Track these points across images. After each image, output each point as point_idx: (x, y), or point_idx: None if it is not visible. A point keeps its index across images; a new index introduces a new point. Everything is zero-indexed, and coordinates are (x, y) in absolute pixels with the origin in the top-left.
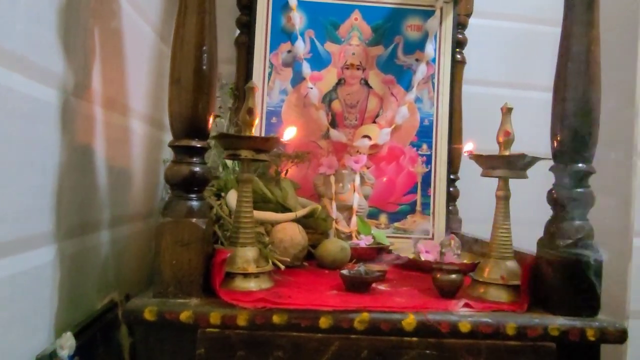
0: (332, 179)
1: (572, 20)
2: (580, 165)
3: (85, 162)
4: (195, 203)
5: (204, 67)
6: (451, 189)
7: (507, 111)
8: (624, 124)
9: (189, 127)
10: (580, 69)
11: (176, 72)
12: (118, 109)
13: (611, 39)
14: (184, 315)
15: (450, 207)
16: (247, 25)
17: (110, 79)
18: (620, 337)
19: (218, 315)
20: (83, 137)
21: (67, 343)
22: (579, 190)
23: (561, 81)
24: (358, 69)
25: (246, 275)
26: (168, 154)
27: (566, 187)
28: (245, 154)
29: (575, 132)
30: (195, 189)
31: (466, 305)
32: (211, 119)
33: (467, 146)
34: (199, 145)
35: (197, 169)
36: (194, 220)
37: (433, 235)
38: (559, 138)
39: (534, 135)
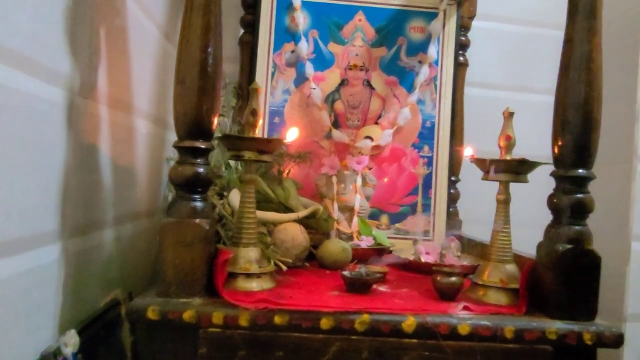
0: (334, 179)
1: (574, 27)
2: (580, 170)
3: (90, 161)
4: (198, 204)
5: (209, 69)
6: (452, 190)
7: (508, 116)
8: (624, 127)
9: (193, 128)
10: (581, 76)
11: (181, 73)
12: (123, 108)
13: (612, 42)
14: (187, 315)
15: (450, 209)
16: (251, 24)
17: (115, 78)
18: (617, 341)
19: (220, 315)
20: (88, 136)
21: (71, 340)
22: (578, 195)
23: (562, 87)
24: (361, 70)
25: (248, 275)
26: (171, 153)
27: (566, 193)
28: (248, 155)
29: (576, 139)
30: (199, 189)
31: (465, 308)
32: (215, 120)
33: (467, 151)
34: (203, 146)
35: (200, 169)
36: (197, 220)
37: (433, 236)
38: (560, 144)
39: (535, 138)
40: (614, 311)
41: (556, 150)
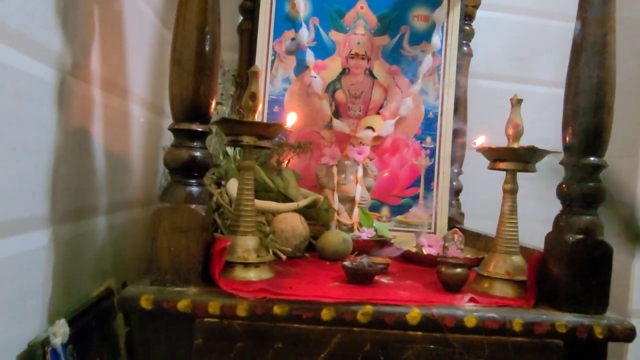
0: (335, 169)
1: (587, 9)
2: (592, 159)
3: (82, 145)
4: (194, 189)
5: (206, 48)
6: (454, 183)
7: (516, 102)
8: (630, 120)
9: (190, 110)
10: (595, 60)
11: (177, 53)
12: (117, 92)
13: (618, 31)
14: (182, 304)
15: (452, 202)
16: (250, 11)
17: (110, 60)
18: (628, 335)
19: (217, 305)
20: (80, 118)
21: (61, 330)
22: (590, 184)
23: (574, 72)
24: (363, 58)
25: (246, 264)
26: (168, 141)
27: (577, 181)
28: (247, 140)
29: (588, 125)
30: (195, 174)
31: (472, 300)
32: (213, 103)
33: (479, 140)
34: (199, 129)
35: (197, 153)
36: (193, 206)
37: (435, 229)
38: (571, 131)
39: (539, 130)
40: (618, 307)
41: (567, 138)
